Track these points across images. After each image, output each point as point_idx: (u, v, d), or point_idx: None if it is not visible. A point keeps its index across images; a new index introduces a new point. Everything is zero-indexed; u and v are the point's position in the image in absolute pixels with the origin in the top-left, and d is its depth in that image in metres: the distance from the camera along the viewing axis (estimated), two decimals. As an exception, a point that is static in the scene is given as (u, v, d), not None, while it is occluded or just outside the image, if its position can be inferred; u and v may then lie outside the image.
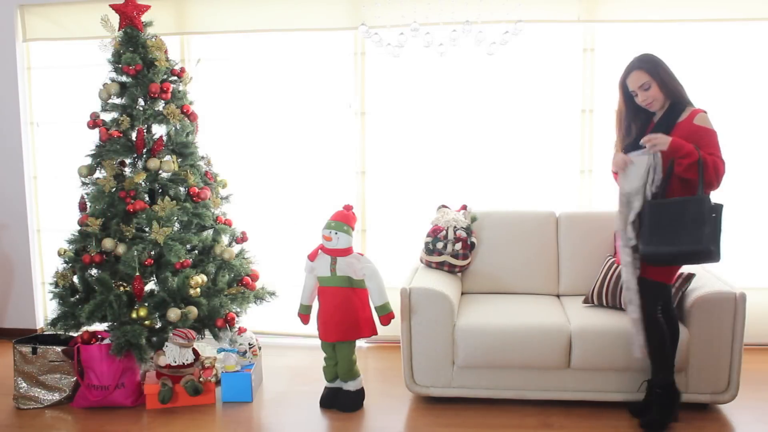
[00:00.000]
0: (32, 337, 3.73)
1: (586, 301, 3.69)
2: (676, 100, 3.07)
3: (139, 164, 3.77)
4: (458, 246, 3.84)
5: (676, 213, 2.92)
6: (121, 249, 3.61)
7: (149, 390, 3.53)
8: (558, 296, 3.96)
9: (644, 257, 3.01)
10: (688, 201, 2.92)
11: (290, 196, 4.60)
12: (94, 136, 3.77)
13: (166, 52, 3.86)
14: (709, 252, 2.87)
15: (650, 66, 3.04)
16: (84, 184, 3.79)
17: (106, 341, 3.53)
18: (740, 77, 4.19)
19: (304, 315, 3.63)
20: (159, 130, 3.86)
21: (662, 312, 3.14)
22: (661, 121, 3.09)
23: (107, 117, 3.79)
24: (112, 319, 3.53)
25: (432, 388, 3.50)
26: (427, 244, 3.90)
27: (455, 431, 3.26)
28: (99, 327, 3.75)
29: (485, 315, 3.53)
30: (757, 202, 4.26)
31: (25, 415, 3.52)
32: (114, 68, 3.77)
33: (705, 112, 3.05)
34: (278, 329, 4.62)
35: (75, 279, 3.71)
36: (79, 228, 3.71)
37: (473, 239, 3.93)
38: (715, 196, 2.96)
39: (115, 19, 3.80)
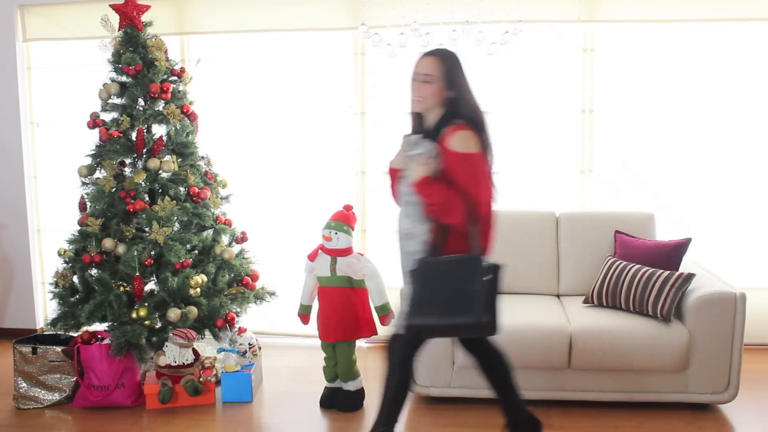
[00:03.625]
0: (32, 337, 3.73)
1: (586, 301, 3.69)
2: (449, 111, 2.59)
3: (139, 164, 3.77)
4: (457, 246, 3.82)
5: (446, 274, 2.43)
6: (121, 249, 3.61)
7: (149, 390, 3.53)
8: (558, 296, 3.96)
9: (411, 329, 2.49)
10: (459, 260, 2.44)
11: (290, 196, 4.60)
12: (94, 136, 3.78)
13: (166, 52, 3.86)
14: (480, 324, 2.38)
15: (448, 64, 2.55)
16: (84, 184, 3.79)
17: (106, 341, 3.53)
18: (740, 77, 4.19)
19: (304, 315, 3.63)
20: (159, 130, 3.86)
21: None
22: (430, 132, 2.61)
23: (107, 117, 3.80)
24: (112, 319, 3.53)
25: (432, 388, 3.49)
26: (426, 244, 3.88)
27: (455, 431, 3.26)
28: (99, 327, 3.75)
29: (485, 315, 3.52)
30: (757, 203, 4.26)
31: (25, 415, 3.52)
32: (114, 68, 3.78)
33: (466, 128, 2.53)
34: (278, 329, 4.61)
35: (75, 279, 3.71)
36: (79, 228, 3.72)
37: (473, 239, 3.91)
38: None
39: (115, 19, 3.80)
